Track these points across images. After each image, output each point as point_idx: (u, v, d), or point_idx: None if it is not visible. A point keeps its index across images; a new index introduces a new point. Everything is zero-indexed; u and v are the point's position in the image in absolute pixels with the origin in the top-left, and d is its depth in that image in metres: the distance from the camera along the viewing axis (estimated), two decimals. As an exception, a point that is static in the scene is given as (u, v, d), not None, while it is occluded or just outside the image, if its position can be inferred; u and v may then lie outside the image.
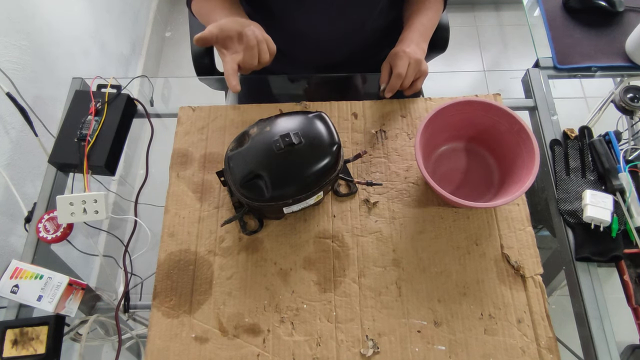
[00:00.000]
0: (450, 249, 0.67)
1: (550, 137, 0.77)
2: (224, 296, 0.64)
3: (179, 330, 0.62)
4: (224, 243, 0.68)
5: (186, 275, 0.66)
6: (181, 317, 0.63)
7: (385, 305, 0.63)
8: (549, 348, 0.60)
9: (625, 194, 0.68)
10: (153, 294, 0.65)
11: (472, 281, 0.65)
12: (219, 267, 0.66)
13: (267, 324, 0.63)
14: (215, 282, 0.65)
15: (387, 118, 0.78)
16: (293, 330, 0.62)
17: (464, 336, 0.61)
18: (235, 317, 0.63)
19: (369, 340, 0.61)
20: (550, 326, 0.62)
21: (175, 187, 0.73)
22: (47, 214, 0.72)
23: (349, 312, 0.63)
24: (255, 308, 0.64)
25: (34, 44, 1.05)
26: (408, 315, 0.63)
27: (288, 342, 0.61)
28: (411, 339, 0.61)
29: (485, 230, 0.68)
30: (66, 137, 0.75)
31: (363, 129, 0.77)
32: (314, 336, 0.62)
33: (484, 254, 0.66)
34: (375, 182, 0.71)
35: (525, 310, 0.63)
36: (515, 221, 0.69)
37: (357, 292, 0.64)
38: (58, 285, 0.63)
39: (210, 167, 0.74)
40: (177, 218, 0.70)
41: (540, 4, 0.95)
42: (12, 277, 0.63)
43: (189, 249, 0.68)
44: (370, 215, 0.70)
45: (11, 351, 0.60)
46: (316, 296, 0.64)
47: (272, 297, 0.64)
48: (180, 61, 1.92)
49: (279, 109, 0.78)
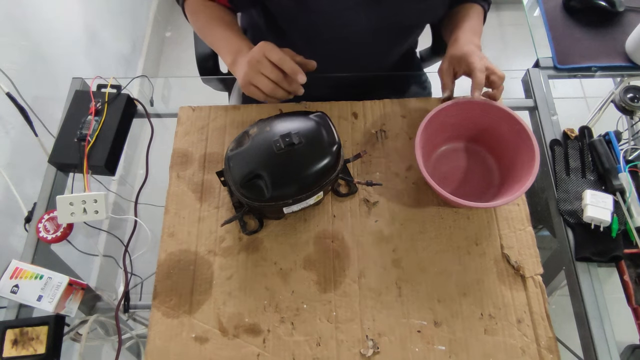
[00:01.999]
0: (450, 249, 0.67)
1: (550, 137, 0.77)
2: (224, 296, 0.64)
3: (179, 330, 0.62)
4: (224, 243, 0.68)
5: (186, 275, 0.66)
6: (181, 317, 0.63)
7: (385, 305, 0.63)
8: (549, 348, 0.60)
9: (625, 194, 0.68)
10: (153, 294, 0.65)
11: (472, 281, 0.65)
12: (219, 267, 0.66)
13: (267, 324, 0.63)
14: (215, 282, 0.65)
15: (387, 118, 0.78)
16: (293, 330, 0.62)
17: (464, 336, 0.61)
18: (235, 317, 0.63)
19: (369, 340, 0.61)
20: (550, 326, 0.62)
21: (175, 187, 0.73)
22: (47, 214, 0.72)
23: (349, 312, 0.63)
24: (255, 308, 0.64)
25: (34, 44, 1.05)
26: (408, 315, 0.63)
27: (288, 342, 0.61)
28: (411, 339, 0.61)
29: (485, 230, 0.68)
30: (66, 137, 0.75)
31: (363, 129, 0.77)
32: (314, 336, 0.62)
33: (484, 254, 0.66)
34: (375, 182, 0.71)
35: (525, 310, 0.63)
36: (515, 221, 0.69)
37: (357, 292, 0.64)
38: (58, 285, 0.63)
39: (210, 167, 0.74)
40: (177, 218, 0.70)
41: (540, 4, 0.95)
42: (12, 277, 0.63)
43: (189, 249, 0.68)
44: (370, 215, 0.70)
45: (11, 351, 0.60)
46: (316, 296, 0.64)
47: (272, 297, 0.64)
48: (180, 61, 1.92)
49: (279, 109, 0.78)
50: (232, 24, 0.75)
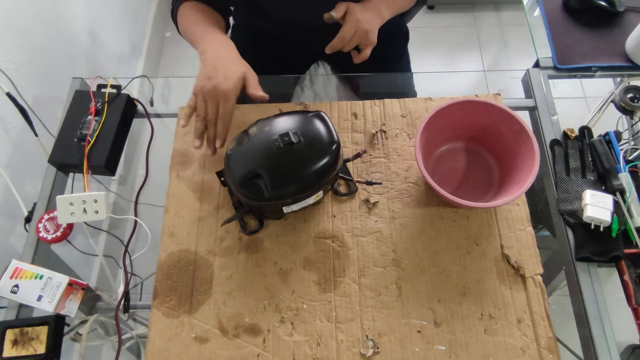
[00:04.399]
0: (450, 249, 0.67)
1: (550, 137, 0.77)
2: (224, 296, 0.64)
3: (179, 330, 0.62)
4: (224, 243, 0.68)
5: (186, 275, 0.66)
6: (181, 317, 0.63)
7: (385, 305, 0.63)
8: (549, 348, 0.60)
9: (625, 194, 0.68)
10: (153, 294, 0.65)
11: (472, 281, 0.65)
12: (219, 267, 0.66)
13: (267, 324, 0.63)
14: (215, 282, 0.65)
15: (387, 118, 0.78)
16: (293, 330, 0.62)
17: (464, 336, 0.61)
18: (235, 317, 0.63)
19: (369, 340, 0.61)
20: (550, 326, 0.62)
21: (175, 187, 0.73)
22: (47, 214, 0.72)
23: (349, 312, 0.63)
24: (255, 308, 0.64)
25: (34, 44, 1.05)
26: (408, 316, 0.63)
27: (288, 342, 0.61)
28: (411, 339, 0.61)
29: (485, 230, 0.68)
30: (66, 137, 0.75)
31: (363, 129, 0.77)
32: (314, 336, 0.62)
33: (484, 253, 0.66)
34: (375, 181, 0.71)
35: (525, 310, 0.63)
36: (515, 221, 0.69)
37: (357, 292, 0.64)
38: (58, 285, 0.63)
39: (210, 167, 0.74)
40: (177, 218, 0.70)
41: (540, 4, 0.95)
42: (12, 277, 0.63)
43: (188, 248, 0.68)
44: (371, 215, 0.70)
45: (11, 351, 0.60)
46: (316, 296, 0.64)
47: (272, 297, 0.64)
48: (180, 61, 1.92)
49: (278, 109, 0.78)
50: (215, 22, 0.77)
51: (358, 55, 0.74)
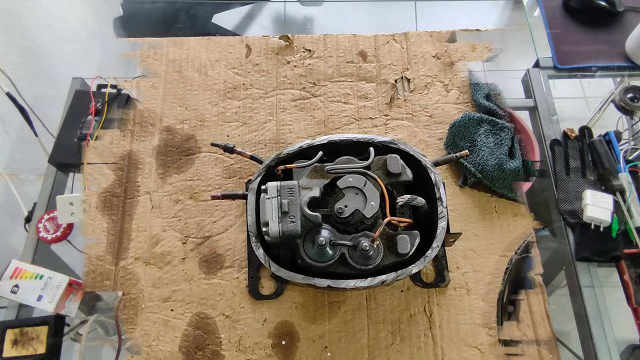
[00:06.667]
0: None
1: (550, 137, 0.77)
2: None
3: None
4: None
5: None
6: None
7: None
8: (549, 348, 0.60)
9: (625, 194, 0.68)
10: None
11: (472, 281, 0.64)
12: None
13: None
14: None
15: (413, 59, 0.56)
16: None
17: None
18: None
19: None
20: (550, 326, 0.61)
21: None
22: (47, 214, 0.72)
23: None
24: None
25: (34, 44, 1.05)
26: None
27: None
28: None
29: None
30: (66, 137, 0.75)
31: (375, 75, 0.55)
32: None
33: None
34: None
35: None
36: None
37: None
38: (58, 285, 0.63)
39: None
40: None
41: (540, 4, 0.95)
42: (12, 277, 0.63)
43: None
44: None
45: (11, 351, 0.60)
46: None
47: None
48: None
49: (245, 45, 0.63)
50: None
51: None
